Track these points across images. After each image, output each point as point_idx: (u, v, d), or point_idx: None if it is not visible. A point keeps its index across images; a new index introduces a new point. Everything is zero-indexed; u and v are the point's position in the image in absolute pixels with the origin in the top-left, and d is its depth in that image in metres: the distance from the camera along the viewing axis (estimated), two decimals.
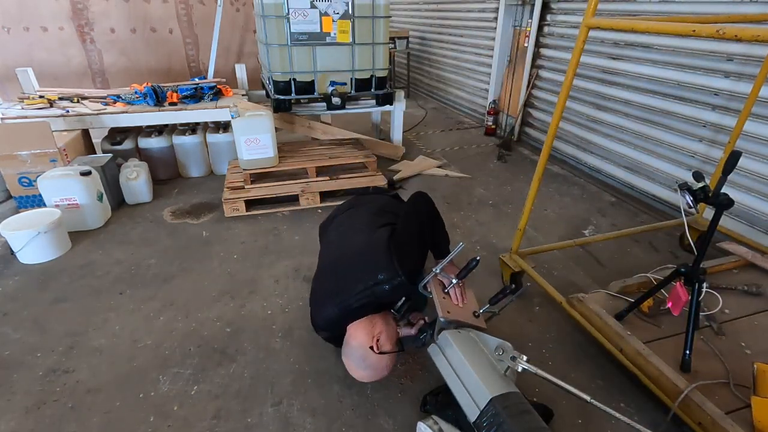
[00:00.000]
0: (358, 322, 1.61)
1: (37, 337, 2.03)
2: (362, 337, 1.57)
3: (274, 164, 3.35)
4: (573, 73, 1.73)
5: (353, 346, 1.58)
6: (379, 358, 1.54)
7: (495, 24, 4.78)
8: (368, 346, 1.54)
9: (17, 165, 2.92)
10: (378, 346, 1.55)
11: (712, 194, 1.53)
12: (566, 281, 2.43)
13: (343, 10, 3.41)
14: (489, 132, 5.05)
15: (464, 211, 3.23)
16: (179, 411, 1.67)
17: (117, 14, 4.83)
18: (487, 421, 1.26)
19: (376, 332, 1.58)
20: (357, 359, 1.57)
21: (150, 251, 2.72)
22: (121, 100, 3.66)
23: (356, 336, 1.59)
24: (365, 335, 1.57)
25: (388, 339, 1.59)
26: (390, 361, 1.59)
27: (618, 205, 3.33)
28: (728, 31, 1.19)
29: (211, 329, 2.08)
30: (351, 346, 1.59)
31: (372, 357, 1.54)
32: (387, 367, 1.59)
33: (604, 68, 3.50)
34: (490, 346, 1.46)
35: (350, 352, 1.60)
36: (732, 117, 2.63)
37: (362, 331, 1.58)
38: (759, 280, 2.06)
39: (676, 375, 1.51)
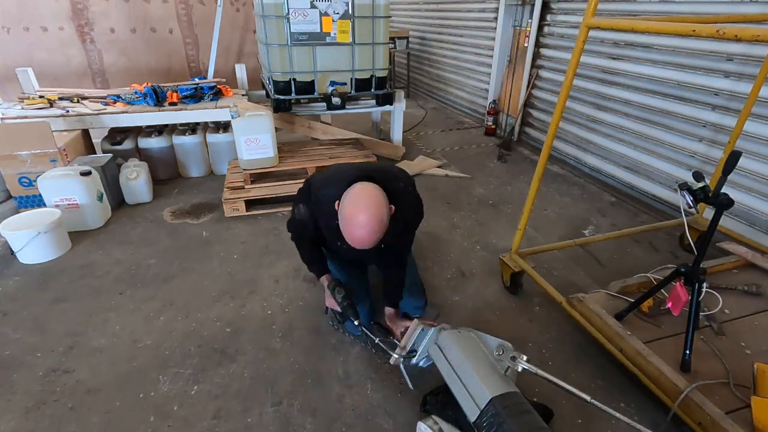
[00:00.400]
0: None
1: (37, 337, 2.03)
2: (374, 188, 1.53)
3: (274, 164, 3.35)
4: (573, 73, 1.73)
5: (364, 195, 1.49)
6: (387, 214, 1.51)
7: (495, 24, 4.78)
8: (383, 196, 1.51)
9: (17, 165, 2.92)
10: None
11: (712, 194, 1.53)
12: (566, 281, 2.43)
13: (343, 10, 3.41)
14: (489, 132, 5.05)
15: (464, 211, 3.23)
16: (179, 411, 1.67)
17: (117, 14, 4.83)
18: (487, 421, 1.26)
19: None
20: (369, 207, 1.46)
21: (150, 251, 2.72)
22: (121, 100, 3.66)
23: (367, 187, 1.51)
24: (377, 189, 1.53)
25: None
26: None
27: (618, 205, 3.33)
28: (728, 31, 1.19)
29: (211, 329, 2.08)
30: (360, 195, 1.49)
31: (385, 210, 1.49)
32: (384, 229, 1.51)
33: (604, 68, 3.50)
34: (490, 346, 1.46)
35: (358, 200, 1.48)
36: (732, 117, 2.63)
37: (373, 187, 1.53)
38: (759, 280, 2.06)
39: (676, 375, 1.51)
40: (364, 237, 1.44)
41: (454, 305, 2.25)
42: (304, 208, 1.80)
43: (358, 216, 1.43)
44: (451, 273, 2.51)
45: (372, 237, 1.45)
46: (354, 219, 1.44)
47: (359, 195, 1.49)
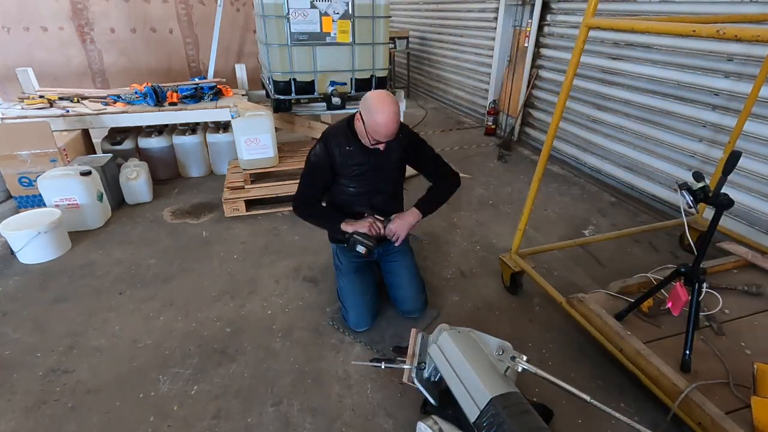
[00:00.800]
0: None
1: (37, 337, 2.03)
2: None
3: (274, 164, 3.35)
4: (573, 73, 1.73)
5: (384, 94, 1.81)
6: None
7: (495, 24, 4.78)
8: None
9: (17, 165, 2.92)
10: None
11: (712, 194, 1.53)
12: (566, 281, 2.43)
13: (343, 10, 3.40)
14: (489, 132, 5.05)
15: (464, 211, 3.23)
16: (179, 411, 1.67)
17: (117, 14, 4.83)
18: (487, 421, 1.25)
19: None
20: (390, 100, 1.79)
21: (150, 251, 2.72)
22: (121, 100, 3.66)
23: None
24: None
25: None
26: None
27: (618, 205, 3.33)
28: (728, 31, 1.19)
29: (211, 329, 2.08)
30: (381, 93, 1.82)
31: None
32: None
33: (604, 68, 3.50)
34: (490, 346, 1.46)
35: (382, 95, 1.80)
36: (732, 117, 2.63)
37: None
38: (759, 280, 2.06)
39: (676, 375, 1.51)
40: (393, 114, 1.75)
41: (454, 305, 2.25)
42: (319, 146, 1.98)
43: (385, 99, 1.76)
44: (451, 273, 2.51)
45: (397, 117, 1.77)
46: (381, 103, 1.75)
47: (376, 92, 1.82)
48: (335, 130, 1.99)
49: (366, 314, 2.04)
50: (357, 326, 2.04)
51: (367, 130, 1.82)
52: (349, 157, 1.96)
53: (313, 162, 2.00)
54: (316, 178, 2.03)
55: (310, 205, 2.08)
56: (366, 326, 2.05)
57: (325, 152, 1.96)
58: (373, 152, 1.94)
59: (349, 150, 1.95)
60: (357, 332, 2.04)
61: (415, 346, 1.58)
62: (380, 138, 1.81)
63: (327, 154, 1.96)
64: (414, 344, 1.58)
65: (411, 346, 1.58)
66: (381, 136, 1.80)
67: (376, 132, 1.79)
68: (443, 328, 1.56)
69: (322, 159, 1.97)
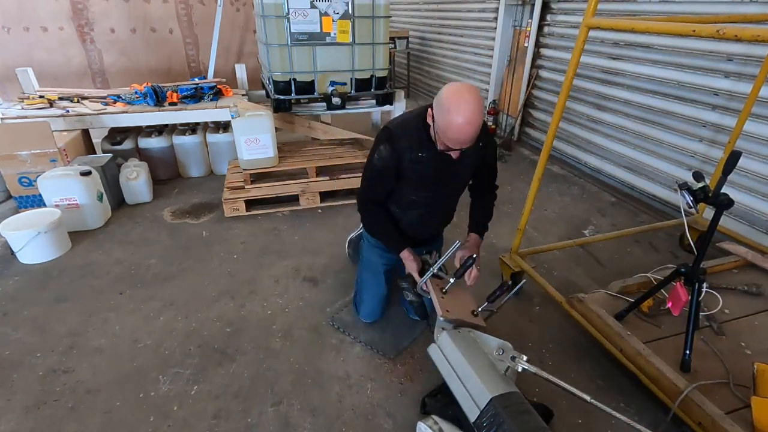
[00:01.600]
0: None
1: (37, 337, 2.03)
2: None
3: (274, 164, 3.35)
4: (573, 73, 1.73)
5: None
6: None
7: (495, 24, 4.78)
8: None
9: (17, 165, 2.92)
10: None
11: (712, 194, 1.53)
12: (566, 281, 2.43)
13: (343, 10, 3.40)
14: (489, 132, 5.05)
15: (464, 211, 3.21)
16: (179, 411, 1.67)
17: (117, 14, 4.83)
18: (487, 421, 1.26)
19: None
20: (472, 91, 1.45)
21: (150, 251, 2.72)
22: (121, 100, 3.66)
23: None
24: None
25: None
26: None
27: (618, 205, 3.33)
28: (728, 31, 1.19)
29: (211, 329, 2.08)
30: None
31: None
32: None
33: (604, 68, 3.50)
34: (490, 346, 1.46)
35: (462, 87, 1.45)
36: (732, 117, 2.63)
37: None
38: (759, 280, 2.06)
39: (676, 375, 1.51)
40: (472, 116, 1.39)
41: None
42: (385, 148, 1.66)
43: (463, 96, 1.40)
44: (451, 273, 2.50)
45: (478, 119, 1.41)
46: (458, 100, 1.40)
47: (453, 86, 1.44)
48: (405, 129, 1.66)
49: (379, 309, 2.11)
50: (368, 317, 2.10)
51: (437, 133, 1.51)
52: (418, 163, 1.65)
53: (378, 168, 1.70)
54: (381, 182, 1.76)
55: (376, 211, 1.84)
56: (376, 318, 2.11)
57: (393, 156, 1.65)
58: (448, 158, 1.61)
59: (422, 156, 1.64)
60: (357, 328, 2.07)
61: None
62: (453, 144, 1.48)
63: (394, 158, 1.65)
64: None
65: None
66: (454, 142, 1.46)
67: (449, 137, 1.46)
68: (443, 327, 1.56)
69: (388, 164, 1.67)
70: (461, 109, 1.39)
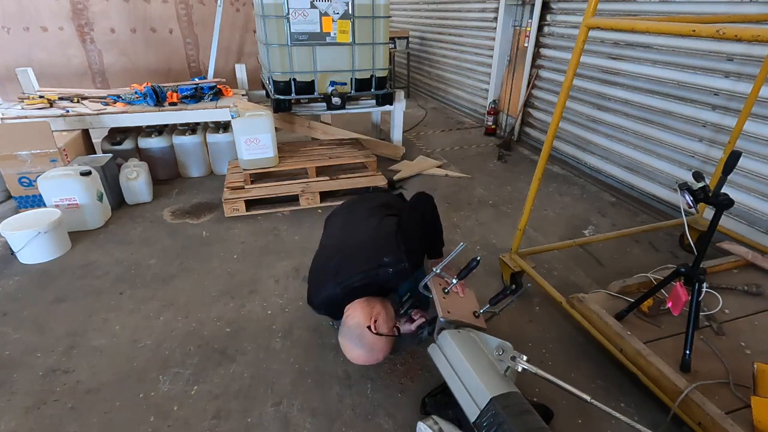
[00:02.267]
0: (356, 302, 1.62)
1: (37, 337, 2.03)
2: (360, 316, 1.58)
3: (274, 164, 3.35)
4: (573, 73, 1.73)
5: (350, 325, 1.59)
6: (375, 339, 1.55)
7: (495, 24, 4.78)
8: (366, 325, 1.55)
9: (17, 165, 2.92)
10: (375, 327, 1.56)
11: (712, 194, 1.53)
12: (566, 281, 2.43)
13: (343, 10, 3.41)
14: (489, 132, 5.05)
15: (464, 211, 3.23)
16: (179, 411, 1.67)
17: (117, 14, 4.83)
18: (487, 421, 1.26)
19: (374, 313, 1.60)
20: (353, 338, 1.58)
21: (150, 251, 2.72)
22: (121, 100, 3.66)
23: (354, 315, 1.60)
24: (363, 315, 1.58)
25: (385, 321, 1.60)
26: (386, 345, 1.59)
27: (618, 205, 3.33)
28: (728, 31, 1.19)
29: (211, 329, 2.08)
30: (348, 326, 1.60)
31: (368, 336, 1.55)
32: (382, 350, 1.59)
33: (604, 68, 3.50)
34: (490, 346, 1.46)
35: (347, 332, 1.60)
36: (732, 117, 2.63)
37: (360, 311, 1.59)
38: (759, 280, 2.06)
39: (676, 375, 1.51)
40: (354, 356, 1.61)
41: None
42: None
43: (351, 353, 1.61)
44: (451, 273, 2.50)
45: (372, 356, 1.59)
46: (350, 354, 1.62)
47: (348, 330, 1.60)
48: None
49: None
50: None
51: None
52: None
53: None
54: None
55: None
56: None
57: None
58: None
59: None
60: None
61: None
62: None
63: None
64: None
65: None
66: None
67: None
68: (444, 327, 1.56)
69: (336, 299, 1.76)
70: (346, 347, 1.62)
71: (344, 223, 1.95)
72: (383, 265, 1.58)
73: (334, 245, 1.84)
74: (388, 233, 1.69)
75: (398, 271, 1.58)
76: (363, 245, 1.70)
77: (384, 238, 1.67)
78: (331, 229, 2.05)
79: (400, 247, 1.61)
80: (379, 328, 1.57)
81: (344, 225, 1.93)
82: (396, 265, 1.58)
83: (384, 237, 1.67)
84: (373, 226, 1.76)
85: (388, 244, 1.63)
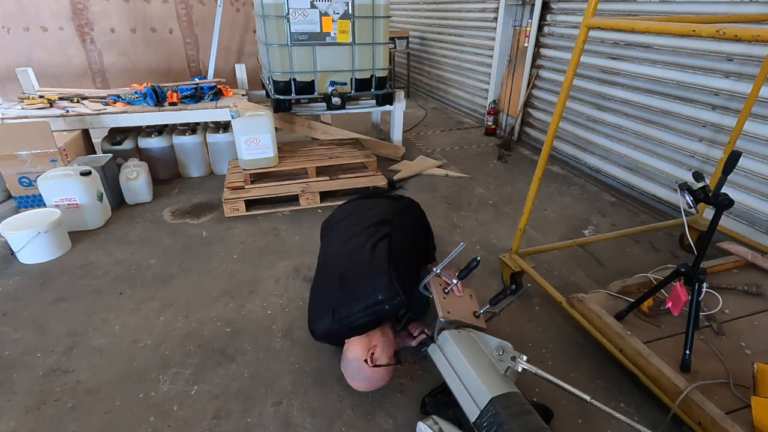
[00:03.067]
0: (355, 338, 1.66)
1: (37, 337, 2.03)
2: (358, 351, 1.61)
3: (274, 164, 3.35)
4: (573, 73, 1.73)
5: (349, 359, 1.63)
6: (373, 371, 1.58)
7: (495, 24, 4.78)
8: (363, 359, 1.59)
9: (17, 165, 2.92)
10: (373, 360, 1.59)
11: (712, 194, 1.53)
12: (566, 281, 2.43)
13: (343, 10, 3.41)
14: (489, 132, 5.05)
15: (464, 211, 3.23)
16: (179, 411, 1.67)
17: (117, 14, 4.83)
18: (487, 421, 1.26)
19: (371, 345, 1.63)
20: (353, 371, 1.63)
21: (150, 251, 2.72)
22: (121, 100, 3.66)
23: (352, 350, 1.63)
24: (361, 349, 1.61)
25: (383, 352, 1.62)
26: (386, 373, 1.63)
27: (618, 205, 3.33)
28: (728, 31, 1.19)
29: (211, 329, 2.08)
30: (347, 359, 1.65)
31: (367, 370, 1.58)
32: (383, 378, 1.64)
33: (604, 68, 3.50)
34: (490, 346, 1.46)
35: (347, 365, 1.65)
36: (732, 117, 2.63)
37: (358, 345, 1.63)
38: (759, 280, 2.06)
39: (676, 375, 1.51)
40: (369, 389, 1.68)
41: None
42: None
43: (352, 383, 1.67)
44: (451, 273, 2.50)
45: (373, 384, 1.65)
46: (351, 383, 1.67)
47: (348, 363, 1.65)
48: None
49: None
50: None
51: None
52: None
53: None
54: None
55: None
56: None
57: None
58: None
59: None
60: None
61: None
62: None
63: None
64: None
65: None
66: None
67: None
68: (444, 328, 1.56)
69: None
70: (346, 375, 1.68)
71: (342, 242, 1.95)
72: (379, 303, 1.60)
73: (332, 271, 1.83)
74: (380, 263, 1.70)
75: (394, 305, 1.61)
76: (359, 277, 1.71)
77: (376, 271, 1.68)
78: (327, 246, 2.05)
79: (392, 282, 1.62)
80: (378, 360, 1.60)
81: (341, 245, 1.93)
82: (391, 301, 1.60)
83: (377, 273, 1.68)
84: (367, 258, 1.76)
85: (381, 279, 1.64)
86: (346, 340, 1.69)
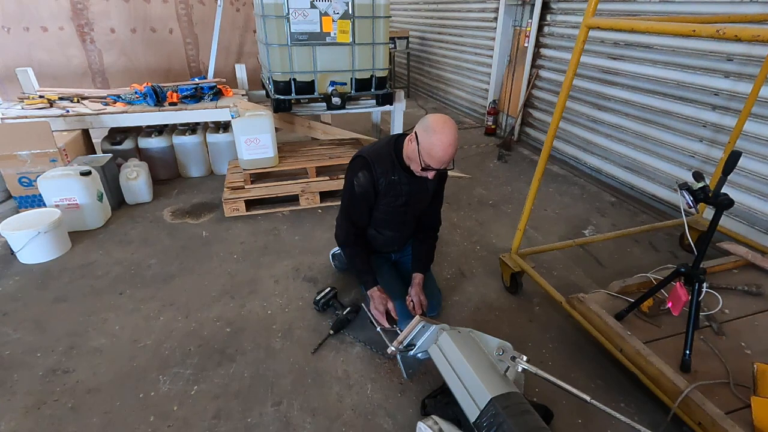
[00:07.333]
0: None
1: (37, 337, 2.03)
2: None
3: (274, 164, 3.35)
4: (573, 73, 1.73)
5: (432, 119, 1.71)
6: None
7: (495, 24, 4.78)
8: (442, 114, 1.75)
9: (17, 165, 2.92)
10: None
11: (712, 194, 1.53)
12: (566, 281, 2.43)
13: (343, 10, 3.40)
14: (489, 132, 5.05)
15: (464, 211, 3.23)
16: (179, 411, 1.67)
17: (117, 14, 4.83)
18: (487, 421, 1.26)
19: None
20: (444, 122, 1.69)
21: (150, 251, 2.72)
22: (121, 100, 3.66)
23: (426, 119, 1.73)
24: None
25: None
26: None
27: (618, 205, 3.33)
28: (728, 31, 1.19)
29: (211, 329, 2.08)
30: (430, 121, 1.70)
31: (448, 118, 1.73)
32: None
33: (604, 68, 3.50)
34: (490, 346, 1.46)
35: (434, 124, 1.68)
36: (732, 117, 2.63)
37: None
38: (759, 280, 2.06)
39: (676, 375, 1.51)
40: (453, 138, 1.66)
41: (454, 305, 2.25)
42: (363, 174, 1.86)
43: (447, 122, 1.68)
44: (451, 273, 2.51)
45: (456, 143, 1.68)
46: (443, 125, 1.66)
47: (437, 115, 1.71)
48: (379, 156, 1.86)
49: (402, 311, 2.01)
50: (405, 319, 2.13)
51: (420, 153, 1.69)
52: (393, 186, 1.88)
53: (357, 193, 1.89)
54: (362, 207, 1.94)
55: (358, 246, 2.02)
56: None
57: (370, 181, 1.86)
58: (416, 181, 1.86)
59: (394, 179, 1.86)
60: (357, 328, 2.06)
61: (409, 333, 1.57)
62: (433, 163, 1.69)
63: (372, 182, 1.86)
64: (410, 330, 1.57)
65: (407, 330, 1.58)
66: (436, 161, 1.67)
67: (431, 156, 1.67)
68: (443, 329, 1.56)
69: (366, 189, 1.87)
70: (446, 131, 1.65)
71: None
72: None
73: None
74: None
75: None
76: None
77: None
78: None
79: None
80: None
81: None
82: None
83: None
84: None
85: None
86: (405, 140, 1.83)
